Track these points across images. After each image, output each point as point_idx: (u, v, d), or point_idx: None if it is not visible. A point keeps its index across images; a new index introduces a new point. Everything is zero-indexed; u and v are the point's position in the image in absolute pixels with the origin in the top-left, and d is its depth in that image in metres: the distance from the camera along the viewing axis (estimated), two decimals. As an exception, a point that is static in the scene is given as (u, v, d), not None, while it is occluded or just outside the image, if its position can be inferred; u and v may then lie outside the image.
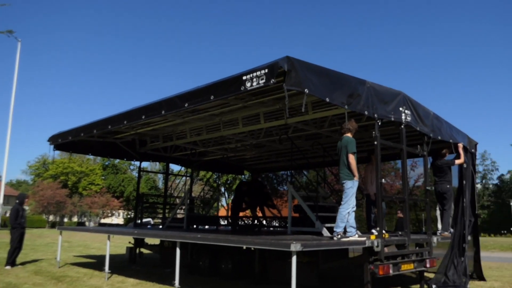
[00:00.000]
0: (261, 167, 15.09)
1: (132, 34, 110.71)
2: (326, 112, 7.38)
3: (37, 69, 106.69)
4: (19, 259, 10.78)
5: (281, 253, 6.28)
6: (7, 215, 47.58)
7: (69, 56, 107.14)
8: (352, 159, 6.14)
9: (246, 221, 13.10)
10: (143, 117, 6.98)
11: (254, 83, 4.89)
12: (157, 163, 44.63)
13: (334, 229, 6.25)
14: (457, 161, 8.63)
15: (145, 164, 64.42)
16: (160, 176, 67.89)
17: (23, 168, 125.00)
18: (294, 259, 4.87)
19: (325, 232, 7.28)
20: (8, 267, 9.93)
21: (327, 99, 5.37)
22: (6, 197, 53.17)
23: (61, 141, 9.89)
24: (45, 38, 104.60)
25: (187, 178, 14.17)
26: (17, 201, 10.84)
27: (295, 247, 4.83)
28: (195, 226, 12.46)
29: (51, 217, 55.57)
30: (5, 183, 39.98)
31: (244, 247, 8.78)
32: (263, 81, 4.79)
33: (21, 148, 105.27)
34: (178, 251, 6.89)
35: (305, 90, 4.90)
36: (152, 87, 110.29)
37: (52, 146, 10.35)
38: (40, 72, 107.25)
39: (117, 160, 62.21)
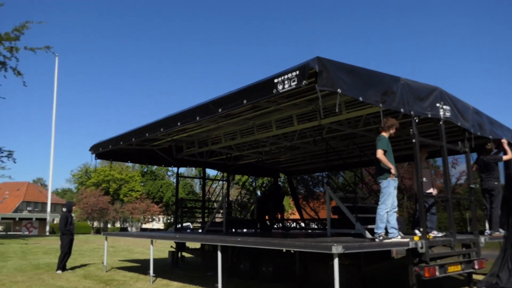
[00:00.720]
0: (296, 169, 15.03)
1: (161, 40, 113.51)
2: (360, 111, 7.26)
3: (76, 83, 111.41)
4: (69, 264, 11.25)
5: (322, 256, 6.23)
6: (55, 222, 49.84)
7: (105, 69, 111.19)
8: (380, 155, 6.02)
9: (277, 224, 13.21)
10: (179, 123, 7.15)
11: (286, 86, 4.90)
12: (193, 168, 45.45)
13: (375, 230, 6.12)
14: (505, 157, 8.24)
15: (181, 170, 65.60)
16: (197, 181, 69.21)
17: (67, 177, 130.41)
18: (336, 261, 4.80)
19: (366, 234, 7.16)
20: (59, 272, 10.39)
21: (361, 98, 5.28)
22: (53, 205, 55.81)
23: (101, 150, 10.26)
24: (81, 52, 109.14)
25: (224, 182, 14.34)
26: (65, 209, 11.30)
27: (337, 249, 4.76)
28: (233, 229, 12.59)
29: (95, 223, 57.60)
30: (52, 192, 42.00)
31: (284, 250, 8.77)
32: (295, 83, 4.79)
33: (64, 158, 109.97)
34: (219, 254, 6.98)
35: (338, 90, 4.85)
36: (187, 92, 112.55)
37: (93, 155, 10.76)
38: (79, 85, 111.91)
39: (155, 167, 63.75)
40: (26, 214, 61.81)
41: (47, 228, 41.98)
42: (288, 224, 14.17)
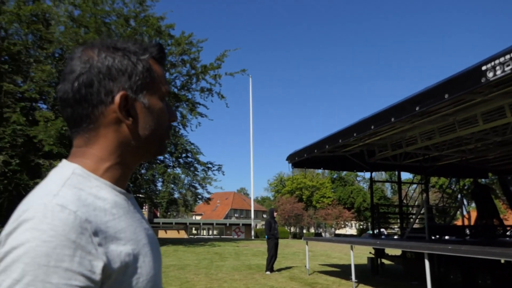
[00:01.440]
0: (509, 168, 12.89)
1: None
2: None
3: (267, 101, 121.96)
4: (275, 266, 12.21)
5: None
6: (257, 227, 55.01)
7: (293, 81, 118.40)
8: None
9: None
10: (372, 127, 7.01)
11: (498, 72, 4.28)
12: (383, 172, 43.86)
13: None
14: None
15: (369, 174, 64.01)
16: (388, 185, 66.48)
17: (265, 186, 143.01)
18: None
19: None
20: (268, 273, 11.39)
21: None
22: (255, 212, 61.77)
23: (297, 159, 10.87)
24: (269, 69, 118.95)
25: (420, 185, 13.35)
26: (268, 215, 12.36)
27: None
28: (436, 236, 11.57)
29: (292, 229, 61.25)
30: (253, 200, 46.60)
31: (502, 261, 7.60)
32: (510, 67, 4.13)
33: (262, 169, 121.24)
34: (427, 263, 6.51)
35: None
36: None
37: (290, 164, 11.49)
38: (270, 103, 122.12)
39: (344, 173, 64.10)
40: (234, 220, 70.05)
41: (252, 233, 46.56)
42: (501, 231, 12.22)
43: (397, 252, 11.25)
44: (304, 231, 64.75)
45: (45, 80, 17.30)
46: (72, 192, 0.70)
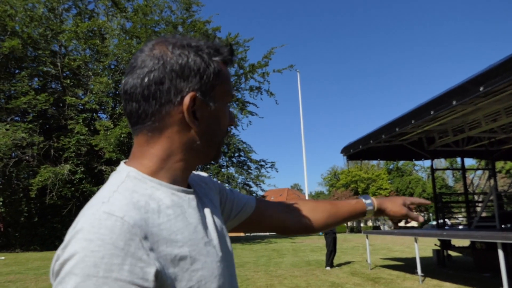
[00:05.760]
0: None
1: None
2: None
3: (317, 94, 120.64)
4: (335, 261, 12.03)
5: None
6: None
7: (341, 72, 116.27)
8: None
9: None
10: (432, 112, 6.68)
11: None
12: (442, 160, 41.86)
13: None
14: None
15: (428, 163, 61.68)
16: (448, 173, 63.45)
17: (319, 181, 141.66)
18: None
19: None
20: (328, 268, 11.24)
21: None
22: (311, 207, 61.39)
23: (352, 151, 10.61)
24: (318, 64, 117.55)
25: (486, 171, 12.57)
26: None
27: None
28: (508, 224, 10.83)
29: (349, 223, 60.15)
30: (307, 195, 46.35)
31: None
32: None
33: (314, 163, 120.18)
34: (500, 253, 6.10)
35: None
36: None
37: (345, 157, 11.24)
38: (319, 96, 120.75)
39: (401, 163, 61.97)
40: (290, 216, 70.02)
41: (309, 228, 46.31)
42: None
43: (465, 243, 10.66)
44: (362, 224, 63.40)
45: (103, 91, 18.27)
46: (123, 196, 0.68)
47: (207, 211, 0.82)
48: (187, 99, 0.74)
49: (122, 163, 0.79)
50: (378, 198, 1.22)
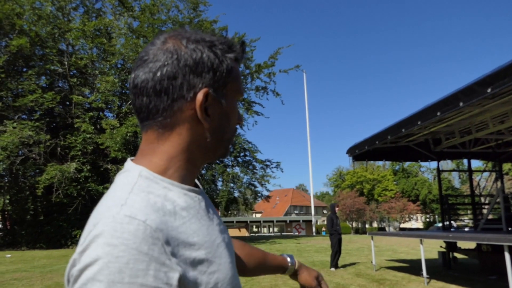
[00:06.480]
0: None
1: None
2: None
3: (323, 94, 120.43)
4: (339, 262, 11.99)
5: None
6: (318, 223, 54.53)
7: (347, 72, 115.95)
8: None
9: None
10: (438, 113, 6.64)
11: None
12: (449, 161, 41.68)
13: None
14: None
15: (434, 164, 61.29)
16: (455, 175, 62.98)
17: (324, 181, 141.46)
18: None
19: None
20: (332, 269, 11.20)
21: None
22: (315, 208, 61.36)
23: (358, 152, 10.58)
24: (323, 65, 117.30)
25: (493, 173, 12.48)
26: (330, 210, 12.14)
27: None
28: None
29: (353, 224, 59.98)
30: (312, 196, 46.24)
31: None
32: None
33: (320, 164, 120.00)
34: (507, 256, 6.05)
35: None
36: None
37: (350, 158, 11.21)
38: (325, 97, 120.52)
39: (406, 164, 61.67)
40: (294, 216, 69.99)
41: (313, 229, 46.23)
42: None
43: (471, 245, 10.59)
44: (367, 226, 63.17)
45: (109, 90, 18.34)
46: (140, 198, 0.66)
47: (212, 210, 0.81)
48: (200, 95, 0.73)
49: (129, 160, 0.76)
50: (299, 263, 1.27)
